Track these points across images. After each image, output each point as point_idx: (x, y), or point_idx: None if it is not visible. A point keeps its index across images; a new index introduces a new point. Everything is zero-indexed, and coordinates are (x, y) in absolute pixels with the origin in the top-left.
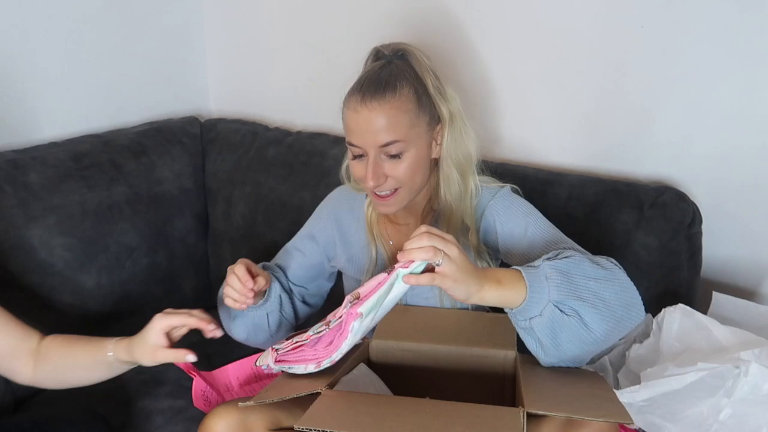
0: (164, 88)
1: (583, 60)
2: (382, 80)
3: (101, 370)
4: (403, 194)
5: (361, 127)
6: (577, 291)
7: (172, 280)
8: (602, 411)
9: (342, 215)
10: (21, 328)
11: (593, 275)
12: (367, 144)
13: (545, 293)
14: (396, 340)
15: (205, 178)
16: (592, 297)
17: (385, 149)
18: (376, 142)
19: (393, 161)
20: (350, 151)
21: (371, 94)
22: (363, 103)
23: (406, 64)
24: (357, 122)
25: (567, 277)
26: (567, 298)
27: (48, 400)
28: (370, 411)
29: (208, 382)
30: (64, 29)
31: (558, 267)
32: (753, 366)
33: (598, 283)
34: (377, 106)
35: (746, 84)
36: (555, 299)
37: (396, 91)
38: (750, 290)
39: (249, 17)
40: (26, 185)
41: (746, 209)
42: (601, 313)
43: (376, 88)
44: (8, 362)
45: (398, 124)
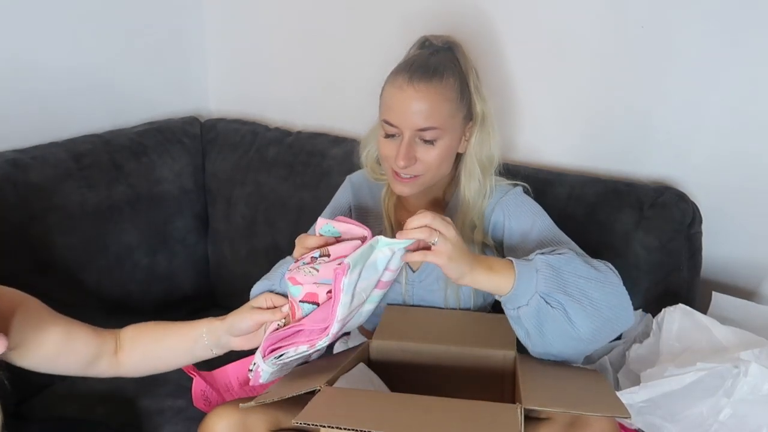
0: (164, 88)
1: (582, 60)
2: (431, 66)
3: (189, 355)
4: (424, 180)
5: (403, 106)
6: (565, 287)
7: (172, 280)
8: (600, 406)
9: (363, 197)
10: (96, 334)
11: (584, 274)
12: (406, 125)
13: (533, 284)
14: (396, 340)
15: (205, 178)
16: (579, 294)
17: (421, 133)
18: (415, 124)
19: (426, 146)
20: (384, 129)
21: (419, 77)
22: (410, 83)
23: (453, 57)
24: (400, 101)
25: (556, 272)
26: (554, 292)
27: (48, 400)
28: (367, 407)
29: (208, 382)
30: (65, 29)
31: (549, 261)
32: (753, 366)
33: (588, 282)
34: (423, 88)
35: (746, 84)
36: (542, 291)
37: (443, 79)
38: (750, 290)
39: (249, 17)
40: (26, 185)
41: (746, 209)
42: (587, 311)
43: (424, 71)
44: (93, 367)
45: (439, 111)
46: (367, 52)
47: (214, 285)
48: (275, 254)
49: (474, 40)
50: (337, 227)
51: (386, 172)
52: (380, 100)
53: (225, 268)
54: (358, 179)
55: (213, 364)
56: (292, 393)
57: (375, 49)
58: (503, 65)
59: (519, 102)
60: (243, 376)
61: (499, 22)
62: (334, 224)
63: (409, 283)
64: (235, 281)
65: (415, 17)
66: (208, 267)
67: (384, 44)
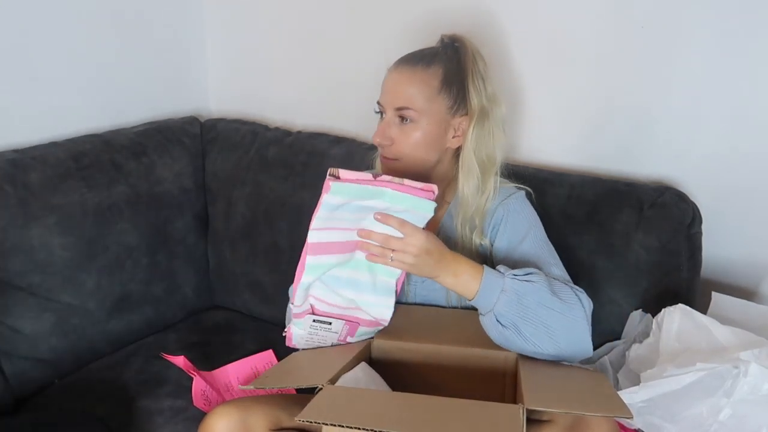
0: (164, 88)
1: (582, 60)
2: (421, 55)
3: None
4: (399, 166)
5: (387, 86)
6: (525, 313)
7: (172, 280)
8: (601, 407)
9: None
10: None
11: (547, 304)
12: (387, 103)
13: (492, 301)
14: (397, 340)
15: (205, 178)
16: (537, 322)
17: (399, 112)
18: (393, 102)
19: (402, 128)
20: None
21: (406, 62)
22: (397, 66)
23: (453, 51)
24: (386, 81)
25: (519, 298)
26: (510, 315)
27: (48, 400)
28: (369, 405)
29: (208, 382)
30: (65, 29)
31: (515, 287)
32: (752, 366)
33: (549, 313)
34: (406, 71)
35: (746, 84)
36: (498, 311)
37: (428, 67)
38: (749, 290)
39: (249, 17)
40: (26, 185)
41: (746, 209)
42: (541, 335)
43: (412, 57)
44: None
45: (417, 94)
46: (367, 53)
47: (214, 285)
48: (275, 254)
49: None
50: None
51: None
52: None
53: (225, 268)
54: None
55: (213, 364)
56: (292, 385)
57: (375, 50)
58: (504, 65)
59: (519, 102)
60: (243, 376)
61: (499, 23)
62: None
63: (410, 282)
64: (235, 281)
65: (415, 18)
66: (208, 267)
67: (384, 44)
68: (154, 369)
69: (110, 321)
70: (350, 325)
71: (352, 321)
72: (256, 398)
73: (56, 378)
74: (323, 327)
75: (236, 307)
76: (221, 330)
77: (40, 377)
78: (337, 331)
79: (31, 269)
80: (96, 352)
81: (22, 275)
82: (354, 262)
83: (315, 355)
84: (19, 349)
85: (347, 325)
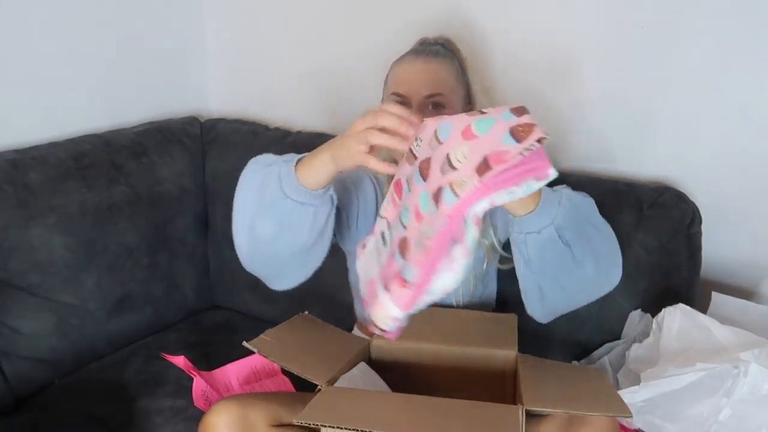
0: (164, 88)
1: (582, 60)
2: (434, 50)
3: None
4: None
5: (412, 76)
6: (580, 228)
7: (172, 280)
8: (601, 406)
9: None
10: None
11: (596, 224)
12: (415, 91)
13: (552, 214)
14: (397, 340)
15: (205, 178)
16: (586, 240)
17: (431, 99)
18: (423, 90)
19: (433, 112)
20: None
21: (426, 53)
22: (418, 56)
23: (450, 50)
24: (409, 72)
25: (577, 211)
26: (568, 229)
27: (48, 400)
28: (369, 406)
29: (208, 382)
30: (65, 29)
31: (573, 199)
32: (752, 366)
33: (597, 233)
34: (432, 60)
35: (746, 84)
36: (558, 224)
37: (445, 59)
38: (749, 290)
39: (249, 17)
40: (26, 185)
41: (746, 209)
42: (588, 256)
43: (429, 51)
44: None
45: (445, 80)
46: (367, 53)
47: (214, 285)
48: None
49: (474, 37)
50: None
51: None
52: (385, 82)
53: (225, 268)
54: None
55: (213, 364)
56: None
57: (375, 50)
58: (504, 64)
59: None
60: (243, 376)
61: (499, 21)
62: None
63: None
64: (235, 281)
65: (415, 17)
66: (208, 267)
67: (384, 44)
68: (154, 369)
69: (110, 321)
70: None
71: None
72: (257, 395)
73: (56, 378)
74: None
75: (236, 307)
76: (221, 330)
77: (40, 377)
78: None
79: (31, 269)
80: (96, 352)
81: (22, 275)
82: None
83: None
84: (19, 349)
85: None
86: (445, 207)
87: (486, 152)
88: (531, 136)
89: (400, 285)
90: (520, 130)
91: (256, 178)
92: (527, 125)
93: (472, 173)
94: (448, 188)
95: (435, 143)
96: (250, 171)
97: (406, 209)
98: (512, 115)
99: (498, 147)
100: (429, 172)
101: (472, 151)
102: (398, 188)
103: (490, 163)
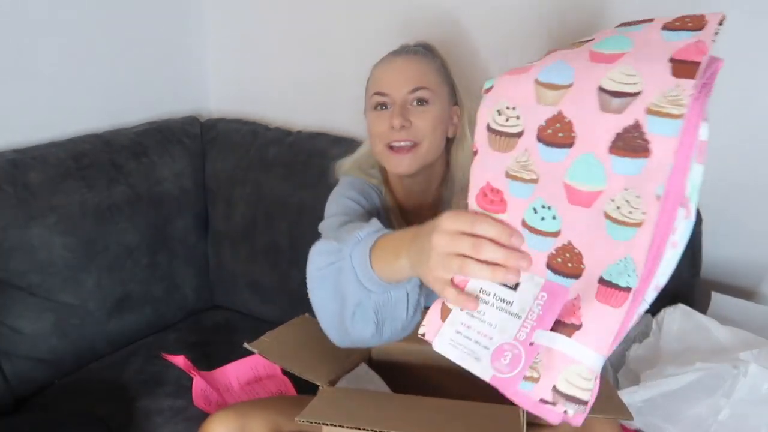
0: (164, 88)
1: None
2: (413, 49)
3: None
4: (421, 152)
5: (394, 72)
6: None
7: (172, 280)
8: (602, 407)
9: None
10: None
11: None
12: (397, 88)
13: None
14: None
15: (205, 178)
16: None
17: (413, 94)
18: (405, 85)
19: (419, 109)
20: (374, 102)
21: (406, 51)
22: (398, 54)
23: (431, 51)
24: (391, 69)
25: None
26: None
27: (48, 400)
28: (369, 406)
29: (208, 382)
30: (65, 29)
31: None
32: (752, 366)
33: None
34: (413, 57)
35: (747, 84)
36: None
37: (426, 56)
38: (749, 290)
39: (249, 17)
40: (26, 185)
41: (746, 209)
42: None
43: (409, 50)
44: None
45: (428, 75)
46: (367, 52)
47: (214, 285)
48: (275, 254)
49: (474, 36)
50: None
51: (379, 155)
52: (366, 86)
53: (225, 268)
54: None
55: (213, 364)
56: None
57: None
58: (503, 65)
59: None
60: (243, 376)
61: (500, 20)
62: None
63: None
64: (235, 281)
65: (415, 17)
66: (208, 267)
67: (384, 44)
68: (154, 369)
69: (110, 321)
70: (550, 295)
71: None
72: (255, 403)
73: (56, 378)
74: (503, 296)
75: (236, 307)
76: (221, 330)
77: (40, 377)
78: (521, 309)
79: (31, 269)
80: (96, 352)
81: (22, 275)
82: None
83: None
84: (19, 349)
85: (544, 293)
86: (660, 140)
87: (660, 54)
88: (704, 21)
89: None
90: (676, 23)
91: (327, 281)
92: (680, 18)
93: (671, 79)
94: (650, 118)
95: (551, 93)
96: (316, 269)
97: (538, 211)
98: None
99: (667, 44)
100: (572, 131)
101: (638, 61)
102: (486, 200)
103: (686, 58)
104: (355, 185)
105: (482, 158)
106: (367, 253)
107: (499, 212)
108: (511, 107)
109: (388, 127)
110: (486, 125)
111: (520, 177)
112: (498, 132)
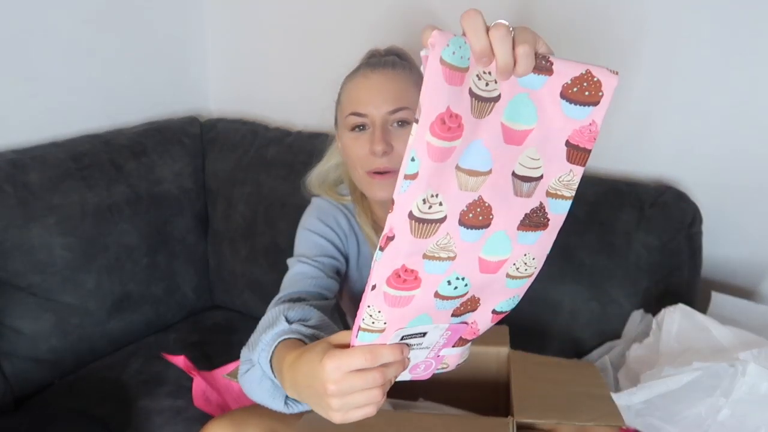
0: (164, 88)
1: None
2: (388, 61)
3: None
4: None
5: (372, 91)
6: None
7: (172, 280)
8: (594, 413)
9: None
10: None
11: None
12: (376, 108)
13: None
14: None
15: (205, 178)
16: None
17: (394, 115)
18: (385, 105)
19: (399, 131)
20: (350, 124)
21: (382, 66)
22: (374, 71)
23: (404, 59)
24: (367, 87)
25: None
26: None
27: (48, 400)
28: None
29: (208, 382)
30: (64, 29)
31: None
32: (751, 366)
33: None
34: (390, 72)
35: (747, 84)
36: None
37: (404, 69)
38: (749, 290)
39: (249, 17)
40: (26, 185)
41: (746, 209)
42: None
43: (385, 63)
44: None
45: (407, 92)
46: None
47: (214, 285)
48: (275, 254)
49: None
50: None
51: (359, 181)
52: (339, 102)
53: (225, 268)
54: (323, 203)
55: (213, 364)
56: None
57: None
58: None
59: None
60: None
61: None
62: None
63: None
64: (235, 281)
65: (415, 16)
66: (208, 267)
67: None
68: (154, 369)
69: (110, 321)
70: (453, 331)
71: (456, 326)
72: (249, 410)
73: (56, 378)
74: (415, 342)
75: (236, 307)
76: (221, 330)
77: (40, 377)
78: (429, 345)
79: (31, 269)
80: (96, 352)
81: (22, 275)
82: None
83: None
84: (19, 349)
85: (449, 331)
86: (558, 218)
87: (559, 134)
88: (600, 92)
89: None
90: (574, 88)
91: (254, 383)
92: (576, 78)
93: (565, 165)
94: (551, 201)
95: (472, 180)
96: (241, 375)
97: (452, 283)
98: (541, 76)
99: (566, 122)
100: (490, 214)
101: (540, 144)
102: (399, 281)
103: (580, 144)
104: (323, 213)
105: (398, 244)
106: (268, 365)
107: (412, 290)
108: (435, 194)
109: (368, 153)
110: (408, 213)
111: (437, 257)
112: (422, 220)
